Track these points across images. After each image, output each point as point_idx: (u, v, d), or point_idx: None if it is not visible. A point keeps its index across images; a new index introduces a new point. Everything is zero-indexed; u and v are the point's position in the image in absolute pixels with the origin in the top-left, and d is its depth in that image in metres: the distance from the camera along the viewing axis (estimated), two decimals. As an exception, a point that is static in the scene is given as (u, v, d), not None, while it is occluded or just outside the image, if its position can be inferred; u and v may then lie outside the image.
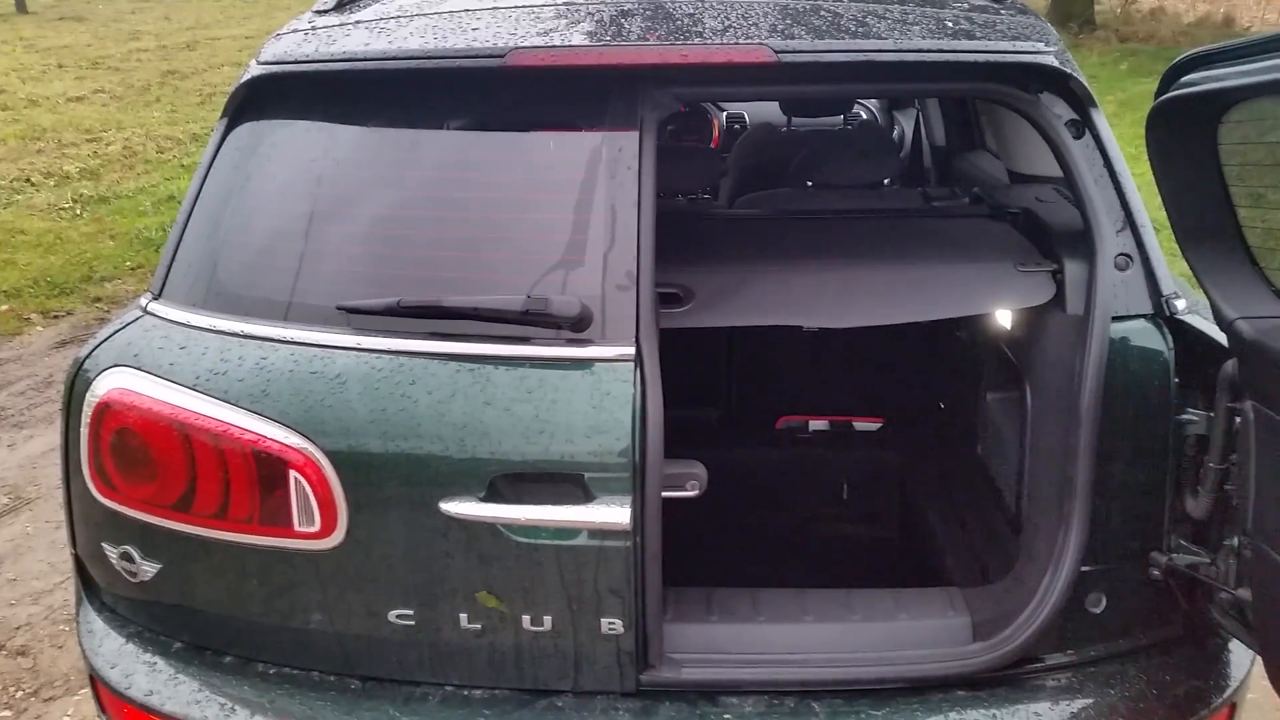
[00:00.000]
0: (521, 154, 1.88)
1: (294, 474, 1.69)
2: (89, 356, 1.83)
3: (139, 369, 1.77)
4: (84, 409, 1.78)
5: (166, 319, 1.83)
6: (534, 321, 1.68)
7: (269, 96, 1.91)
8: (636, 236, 1.72)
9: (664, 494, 1.72)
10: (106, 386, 1.76)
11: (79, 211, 7.63)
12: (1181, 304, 1.81)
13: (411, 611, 1.75)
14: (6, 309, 5.87)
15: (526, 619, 1.74)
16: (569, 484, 1.67)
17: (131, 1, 19.17)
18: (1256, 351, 1.50)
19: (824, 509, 3.03)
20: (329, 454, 1.68)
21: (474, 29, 1.86)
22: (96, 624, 1.95)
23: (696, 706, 1.79)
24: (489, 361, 1.70)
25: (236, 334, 1.77)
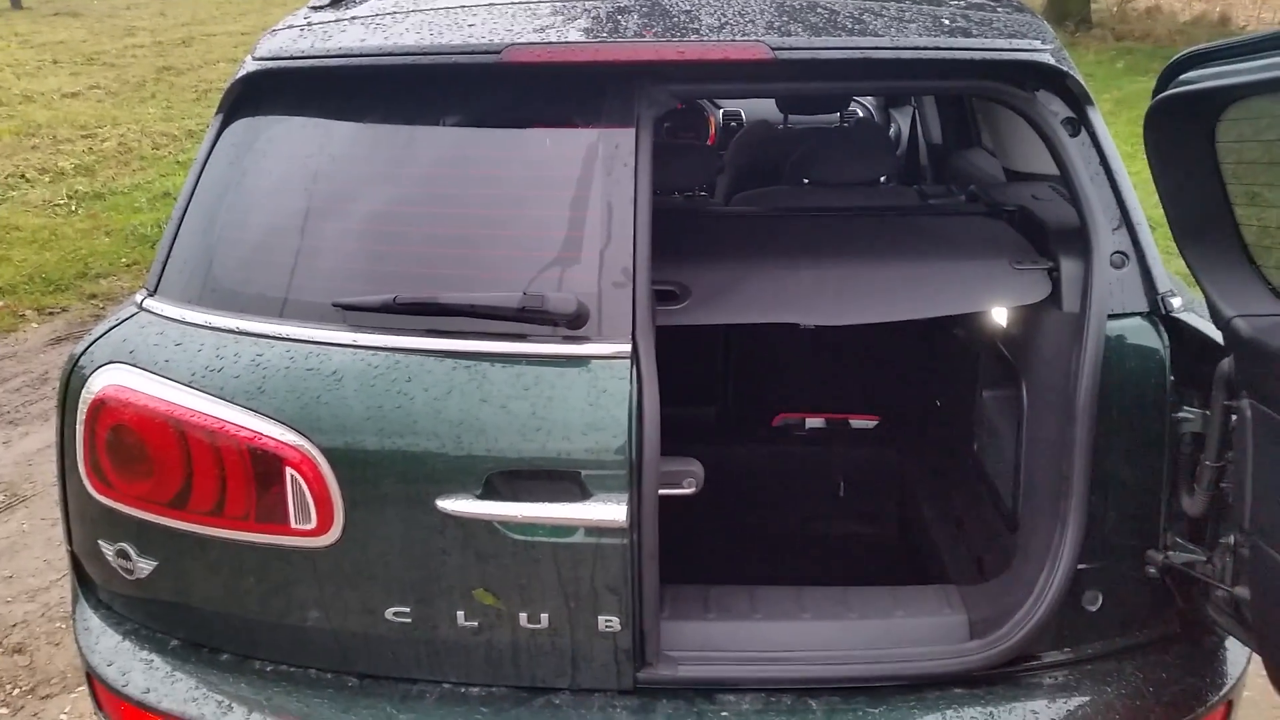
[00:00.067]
0: (518, 151, 1.88)
1: (290, 471, 1.69)
2: (84, 353, 1.83)
3: (134, 366, 1.77)
4: (79, 406, 1.78)
5: (162, 315, 1.83)
6: (530, 318, 1.68)
7: (265, 92, 1.91)
8: (633, 233, 1.72)
9: (661, 491, 1.72)
10: (102, 383, 1.76)
11: (74, 208, 7.61)
12: (1177, 302, 1.81)
13: (408, 609, 1.75)
14: (1, 305, 5.85)
15: (523, 616, 1.74)
16: (566, 481, 1.67)
17: (127, -3, 19.15)
18: (1254, 349, 1.50)
19: (821, 507, 3.03)
20: (325, 451, 1.68)
21: (470, 25, 1.85)
22: (93, 621, 1.94)
23: (694, 704, 1.79)
24: (485, 359, 1.70)
25: (232, 330, 1.76)
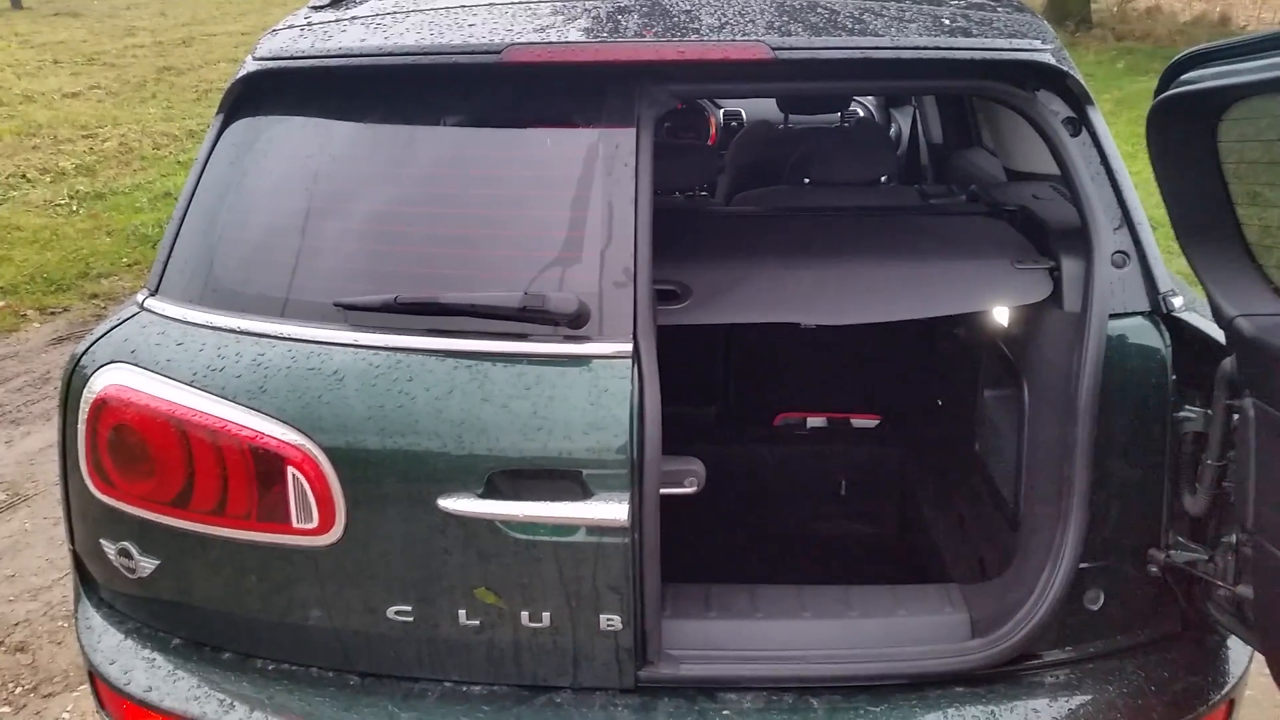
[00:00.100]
0: (518, 150, 1.88)
1: (292, 470, 1.69)
2: (86, 353, 1.83)
3: (136, 365, 1.77)
4: (81, 405, 1.78)
5: (163, 315, 1.83)
6: (531, 318, 1.68)
7: (265, 92, 1.91)
8: (634, 233, 1.72)
9: (662, 491, 1.72)
10: (103, 383, 1.76)
11: (75, 208, 7.62)
12: (1178, 301, 1.81)
13: (410, 608, 1.75)
14: (3, 305, 5.86)
15: (525, 615, 1.74)
16: (567, 481, 1.67)
17: (127, -3, 19.15)
18: (1256, 348, 1.50)
19: (822, 506, 3.03)
20: (327, 450, 1.68)
21: (470, 25, 1.85)
22: (95, 620, 1.94)
23: (695, 703, 1.79)
24: (486, 358, 1.70)
25: (233, 330, 1.76)
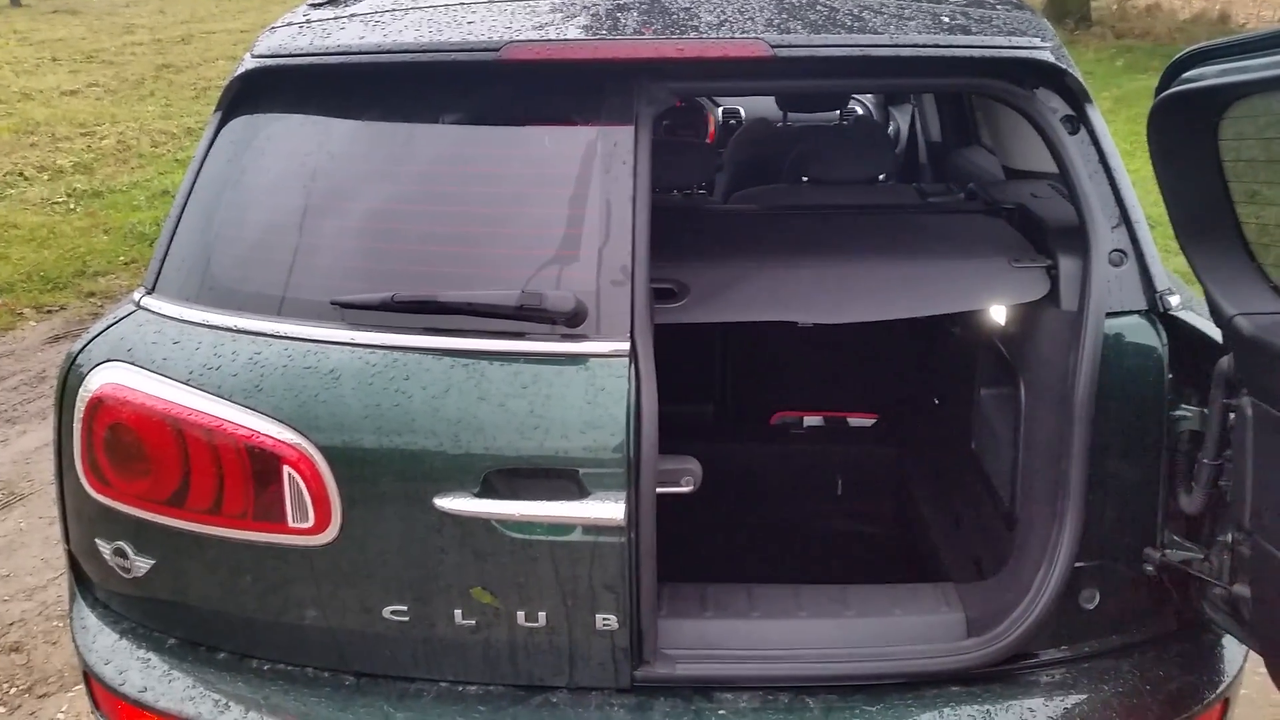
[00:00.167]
0: (517, 148, 1.88)
1: (288, 469, 1.68)
2: (82, 351, 1.82)
3: (132, 364, 1.76)
4: (77, 404, 1.77)
5: (160, 314, 1.82)
6: (529, 317, 1.67)
7: (263, 90, 1.91)
8: (631, 232, 1.72)
9: (659, 490, 1.72)
10: (100, 381, 1.76)
11: (73, 206, 7.61)
12: (1175, 300, 1.81)
13: (406, 607, 1.75)
14: (0, 303, 5.85)
15: (521, 615, 1.74)
16: (563, 480, 1.67)
17: (125, -5, 19.13)
18: (1255, 347, 1.49)
19: (818, 505, 3.03)
20: (323, 449, 1.68)
21: (469, 22, 1.85)
22: (90, 620, 1.94)
23: (691, 702, 1.79)
24: (483, 357, 1.70)
25: (230, 329, 1.76)
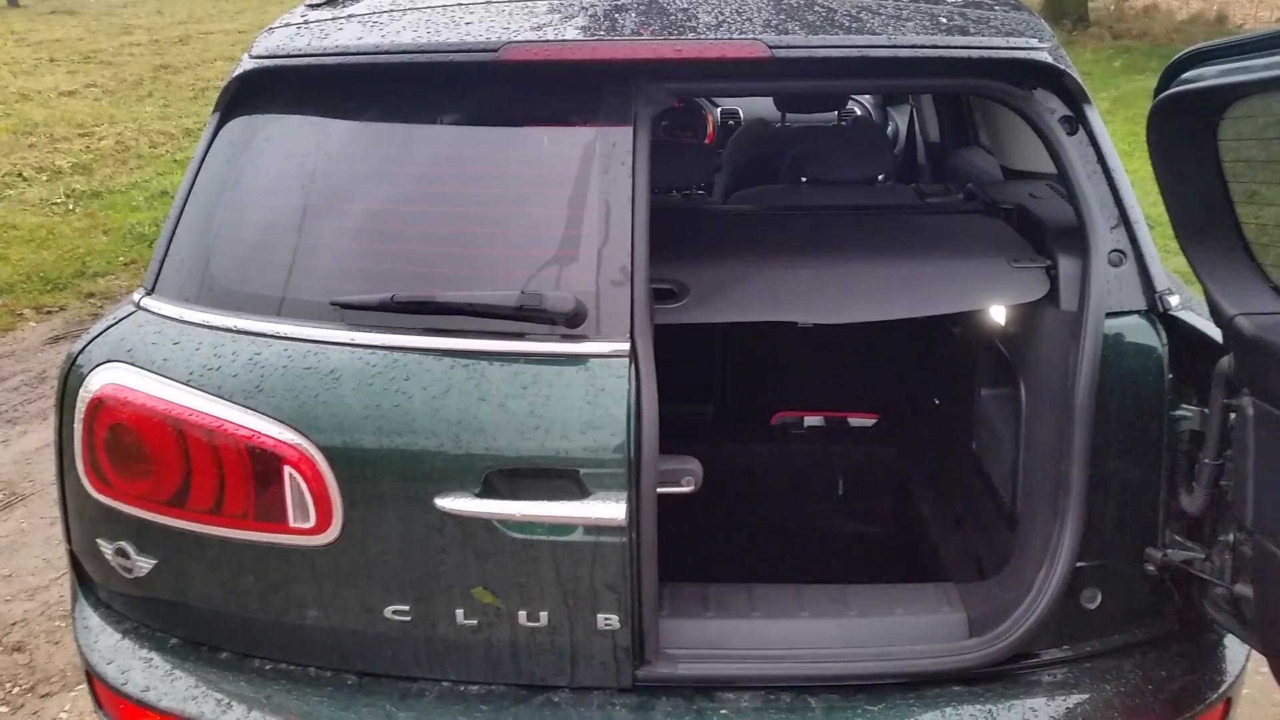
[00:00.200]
0: (515, 149, 1.88)
1: (289, 470, 1.68)
2: (82, 352, 1.82)
3: (132, 365, 1.76)
4: (78, 405, 1.77)
5: (160, 314, 1.82)
6: (528, 317, 1.68)
7: (262, 91, 1.91)
8: (631, 232, 1.72)
9: (659, 490, 1.72)
10: (100, 382, 1.76)
11: (71, 206, 7.61)
12: (1175, 300, 1.81)
13: (407, 607, 1.75)
14: (0, 304, 5.85)
15: (522, 615, 1.74)
16: (564, 480, 1.67)
17: (124, -4, 19.13)
18: (1255, 347, 1.49)
19: (819, 505, 3.03)
20: (323, 450, 1.68)
21: (467, 23, 1.85)
22: (92, 620, 1.94)
23: (693, 702, 1.79)
24: (483, 357, 1.70)
25: (230, 329, 1.76)
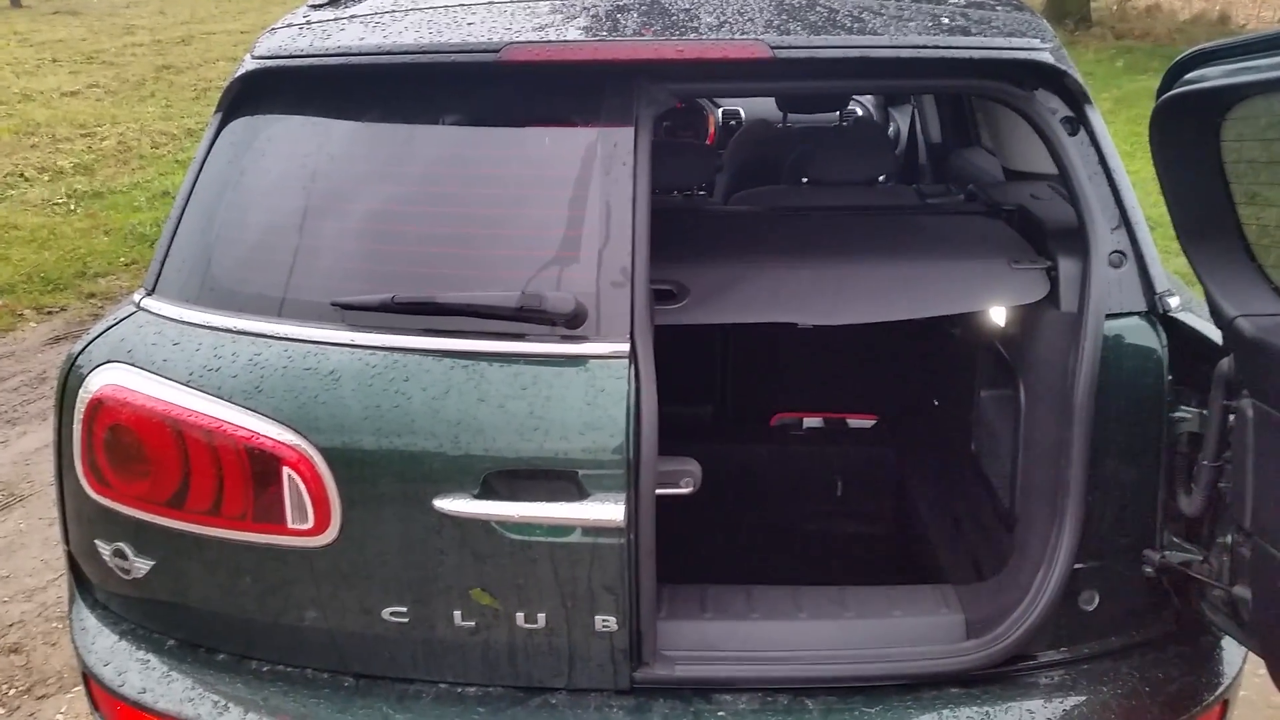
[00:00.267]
0: (516, 149, 1.88)
1: (287, 471, 1.68)
2: (82, 352, 1.83)
3: (132, 365, 1.76)
4: (77, 405, 1.77)
5: (160, 315, 1.83)
6: (528, 318, 1.68)
7: (264, 91, 1.91)
8: (631, 233, 1.72)
9: (658, 491, 1.72)
10: (100, 383, 1.76)
11: (73, 207, 7.61)
12: (1175, 301, 1.81)
13: (405, 609, 1.75)
14: (0, 304, 5.85)
15: (520, 616, 1.74)
16: (563, 481, 1.67)
17: (126, -4, 19.13)
18: (1256, 349, 1.49)
19: (818, 506, 3.03)
20: (322, 451, 1.68)
21: (469, 24, 1.85)
22: (90, 621, 1.94)
23: (690, 704, 1.79)
24: (483, 358, 1.70)
25: (230, 330, 1.76)
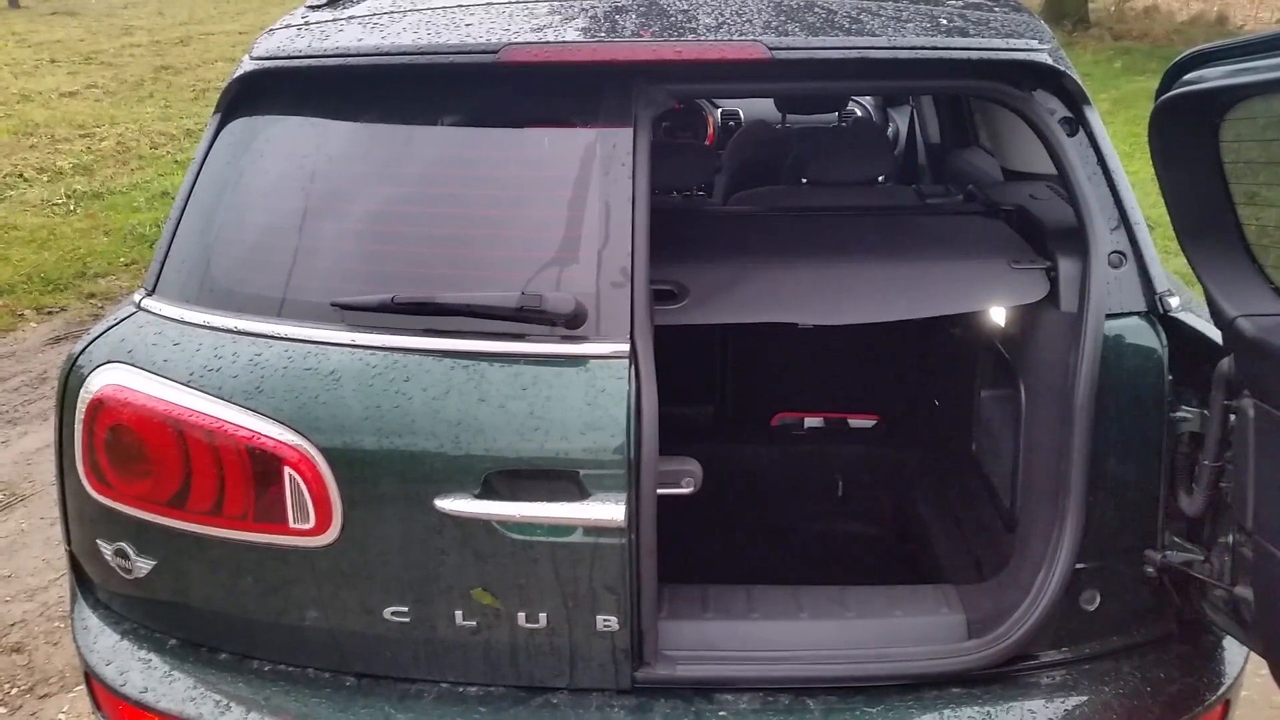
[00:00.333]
0: (516, 150, 1.88)
1: (288, 471, 1.69)
2: (83, 353, 1.83)
3: (133, 365, 1.76)
4: (78, 405, 1.78)
5: (160, 315, 1.83)
6: (529, 318, 1.68)
7: (262, 92, 1.91)
8: (631, 233, 1.72)
9: (659, 491, 1.72)
10: (100, 383, 1.76)
11: (72, 207, 7.61)
12: (1175, 301, 1.81)
13: (406, 608, 1.75)
14: (0, 305, 5.85)
15: (521, 616, 1.74)
16: (564, 481, 1.67)
17: (125, -4, 19.14)
18: (1256, 348, 1.49)
19: (819, 506, 3.03)
20: (323, 451, 1.68)
21: (468, 25, 1.85)
22: (91, 621, 1.94)
23: (691, 704, 1.79)
24: (483, 358, 1.70)
25: (230, 330, 1.76)
